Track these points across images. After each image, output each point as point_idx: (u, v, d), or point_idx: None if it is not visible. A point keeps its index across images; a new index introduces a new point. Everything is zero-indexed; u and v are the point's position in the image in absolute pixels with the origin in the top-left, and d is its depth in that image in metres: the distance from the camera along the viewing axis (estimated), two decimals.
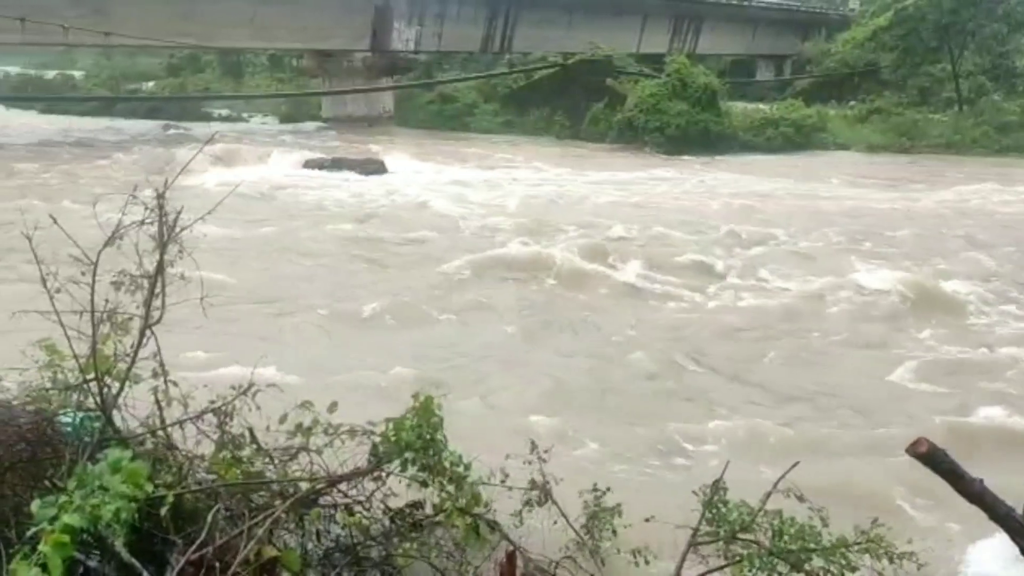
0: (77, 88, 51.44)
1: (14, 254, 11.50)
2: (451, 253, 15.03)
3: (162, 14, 31.97)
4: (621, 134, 34.59)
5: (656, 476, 6.91)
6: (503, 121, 39.07)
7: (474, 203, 20.11)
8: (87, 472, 3.33)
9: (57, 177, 22.46)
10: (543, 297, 12.56)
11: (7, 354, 4.65)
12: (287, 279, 13.02)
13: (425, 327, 11.05)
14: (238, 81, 51.78)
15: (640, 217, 18.86)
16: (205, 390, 4.49)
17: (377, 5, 38.13)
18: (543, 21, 43.60)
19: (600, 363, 9.92)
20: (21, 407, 4.34)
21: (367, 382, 8.52)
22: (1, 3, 25.80)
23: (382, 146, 30.39)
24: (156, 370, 4.23)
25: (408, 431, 4.61)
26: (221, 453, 4.35)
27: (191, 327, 4.58)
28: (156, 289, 4.07)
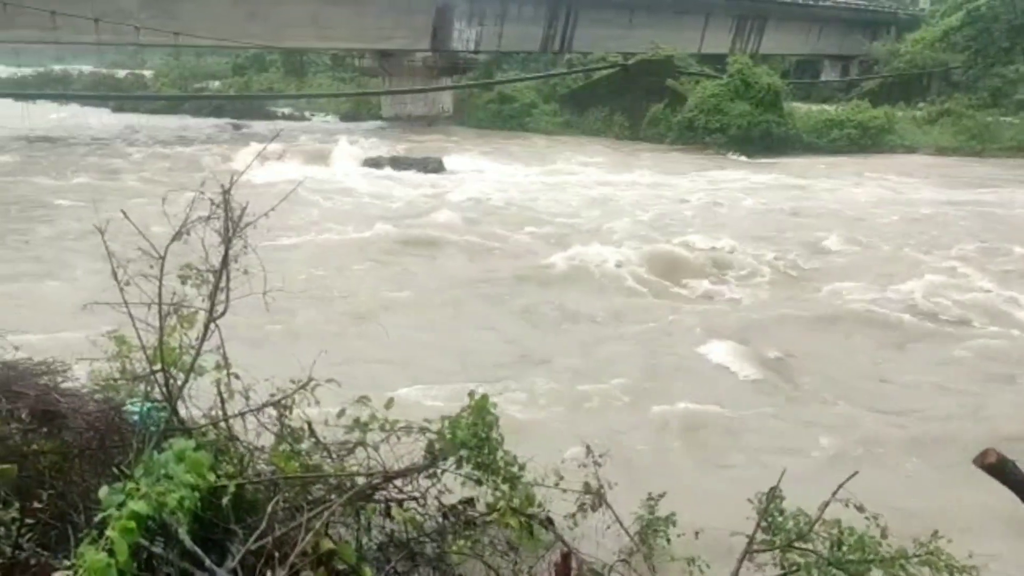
0: (147, 87, 52.92)
1: (88, 247, 11.91)
2: (506, 253, 15.08)
3: (229, 15, 32.72)
4: (681, 135, 34.29)
5: (710, 482, 6.81)
6: (562, 121, 39.01)
7: (532, 203, 20.09)
8: (153, 460, 3.42)
9: (128, 173, 23.11)
10: (605, 303, 12.41)
11: (79, 344, 4.80)
12: (345, 275, 13.19)
13: (483, 327, 11.08)
14: (301, 80, 52.64)
15: (711, 220, 18.65)
16: (266, 383, 4.56)
17: (438, 5, 38.40)
18: (603, 21, 43.43)
19: (661, 366, 9.83)
20: (90, 396, 4.48)
21: (424, 380, 8.58)
22: (77, 5, 26.65)
23: (441, 145, 30.61)
24: (219, 362, 4.31)
25: (463, 429, 4.63)
26: (280, 446, 4.42)
27: (253, 321, 4.67)
28: (220, 283, 4.15)
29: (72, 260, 13.17)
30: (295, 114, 44.47)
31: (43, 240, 15.08)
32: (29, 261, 13.74)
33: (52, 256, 13.87)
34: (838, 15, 53.15)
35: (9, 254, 14.15)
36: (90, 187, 20.36)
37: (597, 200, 20.96)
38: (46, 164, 24.62)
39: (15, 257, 13.97)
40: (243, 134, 33.76)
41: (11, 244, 14.80)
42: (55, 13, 26.01)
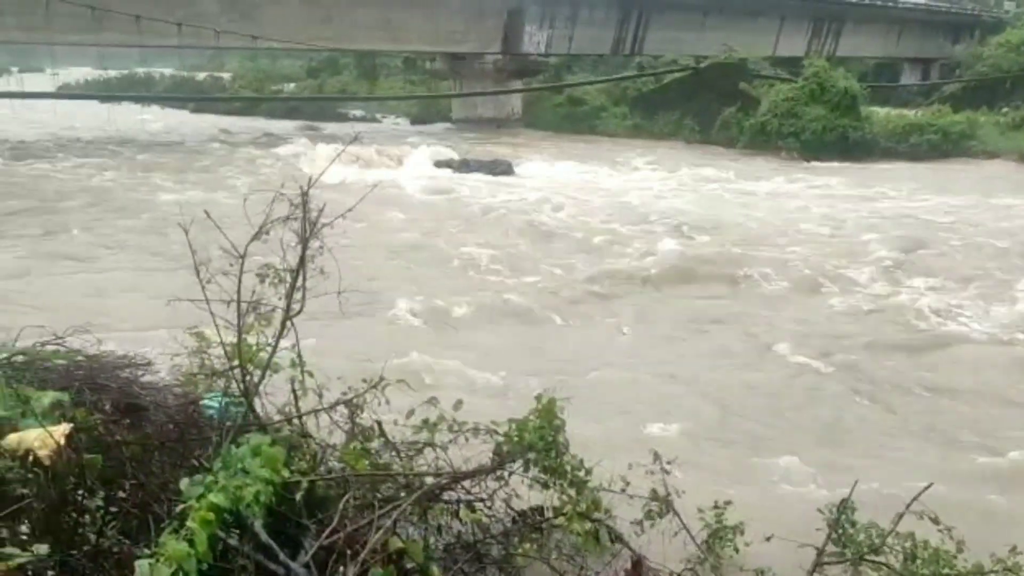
0: (225, 89, 54.37)
1: (172, 245, 12.32)
2: (575, 258, 15.03)
3: (304, 19, 33.42)
4: (753, 139, 33.70)
5: (780, 492, 6.68)
6: (631, 124, 38.74)
7: (600, 206, 20.01)
8: (231, 455, 3.50)
9: (208, 172, 23.78)
10: (674, 311, 12.29)
11: (160, 339, 4.95)
12: (417, 275, 13.34)
13: (547, 331, 11.08)
14: (373, 83, 53.39)
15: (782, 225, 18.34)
16: (338, 382, 4.64)
17: (510, 9, 38.55)
18: (676, 23, 43.04)
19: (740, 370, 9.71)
20: (169, 390, 4.62)
21: (495, 381, 8.61)
22: (161, 9, 27.53)
23: (510, 147, 30.73)
24: (294, 360, 4.39)
25: (531, 432, 4.64)
26: (351, 444, 4.48)
27: (328, 320, 4.76)
28: (297, 283, 4.23)
29: (155, 257, 13.61)
30: (367, 116, 45.16)
31: (128, 237, 15.61)
32: (114, 257, 14.25)
33: (136, 253, 14.36)
34: (918, 17, 51.65)
35: (96, 251, 14.69)
36: (173, 186, 21.02)
37: (669, 202, 20.78)
38: (130, 164, 25.50)
39: (102, 254, 14.50)
40: (317, 135, 34.40)
41: (97, 241, 15.35)
42: (140, 18, 26.94)
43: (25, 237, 15.43)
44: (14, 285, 12.17)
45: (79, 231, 16.07)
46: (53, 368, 4.59)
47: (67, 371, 4.54)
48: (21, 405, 3.67)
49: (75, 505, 3.38)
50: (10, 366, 4.49)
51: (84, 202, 19.16)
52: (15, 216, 17.46)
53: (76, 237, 15.59)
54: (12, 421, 3.57)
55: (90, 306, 10.61)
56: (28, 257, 14.05)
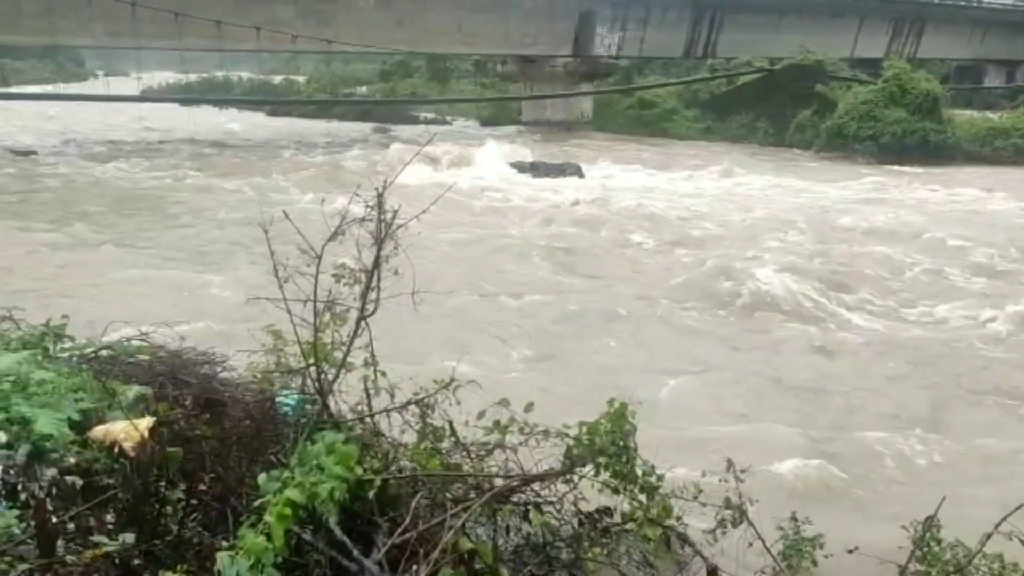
0: (300, 92, 55.49)
1: (251, 245, 12.61)
2: (642, 262, 14.91)
3: (378, 22, 33.89)
4: (829, 142, 32.95)
5: (861, 506, 6.50)
6: (703, 127, 38.27)
7: (674, 210, 19.76)
8: (306, 451, 3.56)
9: (285, 173, 24.28)
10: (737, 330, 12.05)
11: (238, 336, 5.06)
12: (488, 277, 13.38)
13: (625, 335, 10.99)
14: (443, 86, 53.82)
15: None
16: (410, 382, 4.68)
17: (581, 12, 38.45)
18: (750, 25, 42.36)
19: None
20: (246, 386, 4.72)
21: (565, 383, 8.59)
22: (241, 15, 28.25)
23: (580, 150, 30.64)
24: (367, 360, 4.45)
25: (602, 436, 4.60)
26: (422, 443, 4.52)
27: (401, 320, 4.80)
28: (372, 283, 4.28)
29: (235, 256, 13.95)
30: (437, 118, 45.53)
31: (210, 237, 16.03)
32: (197, 256, 14.63)
33: (218, 252, 14.72)
34: (1004, 17, 49.83)
35: (178, 251, 15.11)
36: (251, 187, 21.54)
37: (739, 205, 20.43)
38: (211, 165, 26.21)
39: (185, 253, 14.90)
40: (388, 137, 34.86)
41: (180, 241, 15.79)
42: (221, 23, 27.68)
43: (112, 236, 15.96)
44: (100, 280, 12.62)
45: (162, 231, 16.57)
46: (137, 363, 4.74)
47: (150, 366, 4.68)
48: (108, 398, 3.80)
49: (158, 496, 3.47)
50: (97, 360, 4.65)
51: (167, 202, 19.75)
52: (102, 215, 18.11)
53: (159, 237, 16.07)
54: (99, 413, 3.69)
55: (172, 303, 10.93)
56: (114, 254, 14.54)
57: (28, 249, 14.60)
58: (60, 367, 4.03)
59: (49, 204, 19.17)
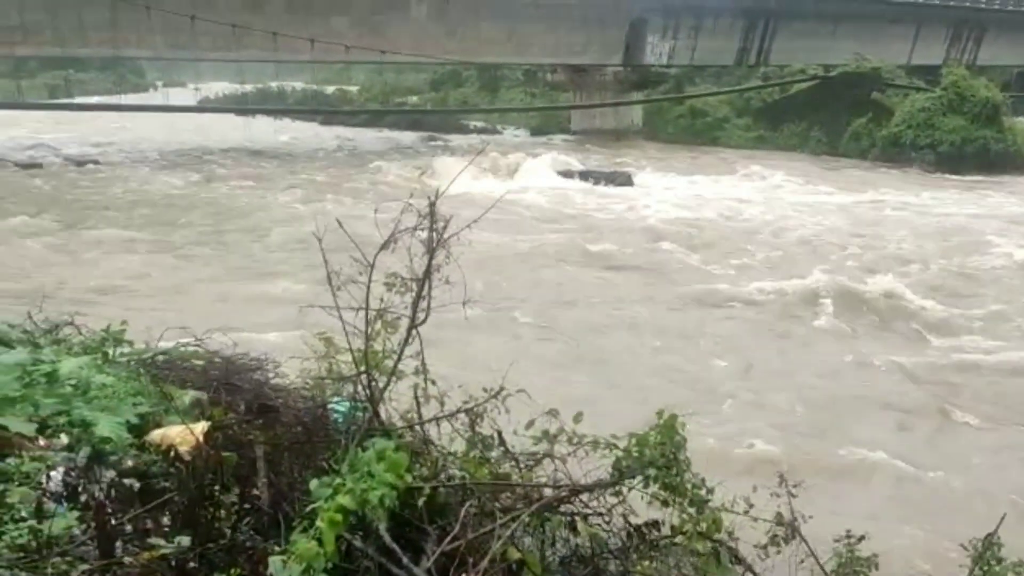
0: (352, 101, 56.21)
1: (304, 252, 12.76)
2: (689, 274, 14.76)
3: (430, 33, 34.21)
4: (885, 150, 32.38)
5: (917, 522, 6.35)
6: (755, 136, 37.86)
7: (727, 218, 19.56)
8: (357, 458, 3.59)
9: (340, 181, 24.64)
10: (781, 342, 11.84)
11: (291, 343, 5.13)
12: (538, 286, 13.39)
13: (671, 347, 10.91)
14: (494, 95, 54.06)
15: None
16: (459, 390, 4.69)
17: (632, 20, 38.33)
18: (804, 32, 41.78)
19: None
20: (297, 392, 4.78)
21: (613, 391, 8.55)
22: (296, 26, 28.75)
23: (630, 159, 30.53)
24: (418, 368, 4.47)
25: (652, 448, 4.56)
26: (471, 452, 4.51)
27: (452, 329, 4.85)
28: (423, 292, 4.30)
29: (289, 264, 14.15)
30: (487, 127, 45.74)
31: (264, 244, 16.31)
32: (251, 264, 14.89)
33: (273, 260, 14.96)
34: None
35: (233, 258, 15.39)
36: (305, 195, 21.87)
37: (801, 220, 20.06)
38: (266, 173, 26.69)
39: (239, 260, 15.18)
40: (439, 146, 35.12)
41: (235, 248, 16.09)
42: (277, 34, 28.19)
43: (168, 243, 16.33)
44: (157, 286, 12.92)
45: (217, 238, 16.90)
46: (192, 368, 4.84)
47: (205, 371, 4.77)
48: (165, 402, 3.88)
49: (212, 500, 3.53)
50: (154, 364, 4.75)
51: (222, 210, 20.14)
52: (158, 223, 18.52)
53: (214, 244, 16.40)
54: (157, 417, 3.77)
55: (226, 309, 11.14)
56: (171, 261, 14.87)
57: (87, 255, 15.00)
58: (119, 372, 4.13)
59: (107, 212, 19.69)
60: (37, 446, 3.14)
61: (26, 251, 15.45)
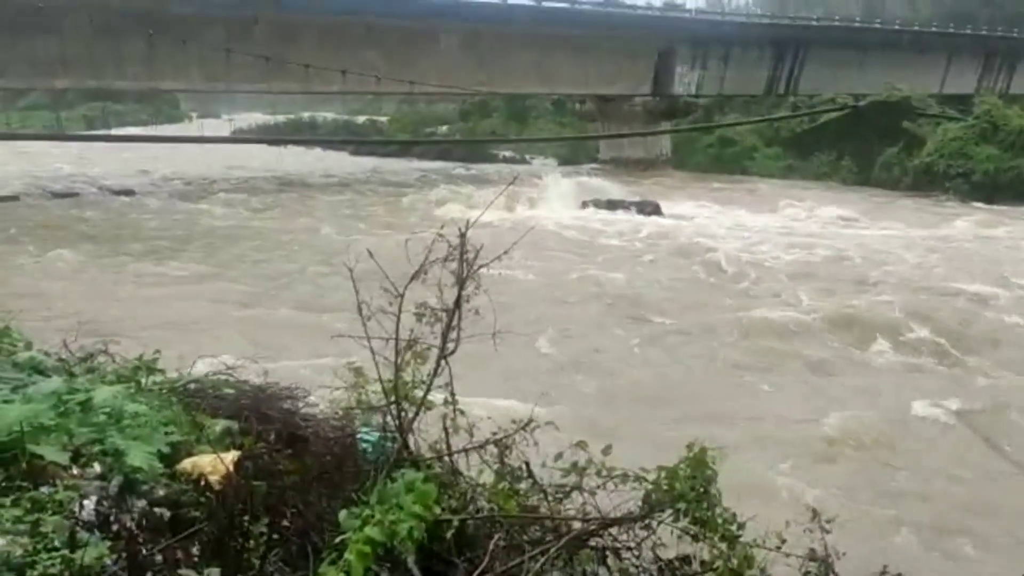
0: (382, 132, 56.84)
1: (335, 281, 12.81)
2: (719, 304, 14.63)
3: (459, 64, 34.56)
4: (917, 180, 32.10)
5: (954, 558, 6.20)
6: (785, 165, 37.71)
7: (754, 250, 19.44)
8: (386, 489, 3.58)
9: (370, 210, 24.87)
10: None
11: (321, 372, 5.15)
12: (567, 317, 13.35)
13: (701, 379, 10.80)
14: (522, 125, 54.36)
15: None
16: (489, 421, 4.67)
17: (660, 51, 38.50)
18: (833, 62, 41.71)
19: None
20: (327, 422, 4.79)
21: (642, 426, 8.48)
22: (328, 59, 29.22)
23: (659, 188, 30.49)
24: (447, 399, 4.46)
25: (682, 481, 4.51)
26: (500, 484, 4.48)
27: (480, 359, 4.85)
28: (453, 322, 4.31)
29: (320, 292, 14.24)
30: (516, 157, 45.93)
31: (296, 273, 16.43)
32: (282, 292, 15.00)
33: (303, 288, 15.06)
34: None
35: (264, 286, 15.53)
36: (336, 224, 22.09)
37: (836, 250, 19.82)
38: (297, 203, 27.00)
39: (270, 289, 15.30)
40: (468, 176, 35.32)
41: (266, 277, 16.24)
42: (309, 67, 28.63)
43: (200, 272, 16.53)
44: (189, 314, 13.05)
45: (249, 267, 17.08)
46: (223, 396, 4.87)
47: (236, 399, 4.80)
48: (196, 431, 3.90)
49: (241, 530, 3.53)
50: (186, 393, 4.79)
51: (255, 239, 20.37)
52: (191, 252, 18.78)
53: (245, 272, 16.58)
54: (188, 446, 3.79)
55: (257, 337, 11.22)
56: (203, 289, 15.03)
57: (122, 284, 15.22)
58: (152, 400, 4.16)
59: (141, 242, 19.99)
60: (71, 475, 3.17)
61: (62, 280, 15.71)
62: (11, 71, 27.72)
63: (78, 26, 27.54)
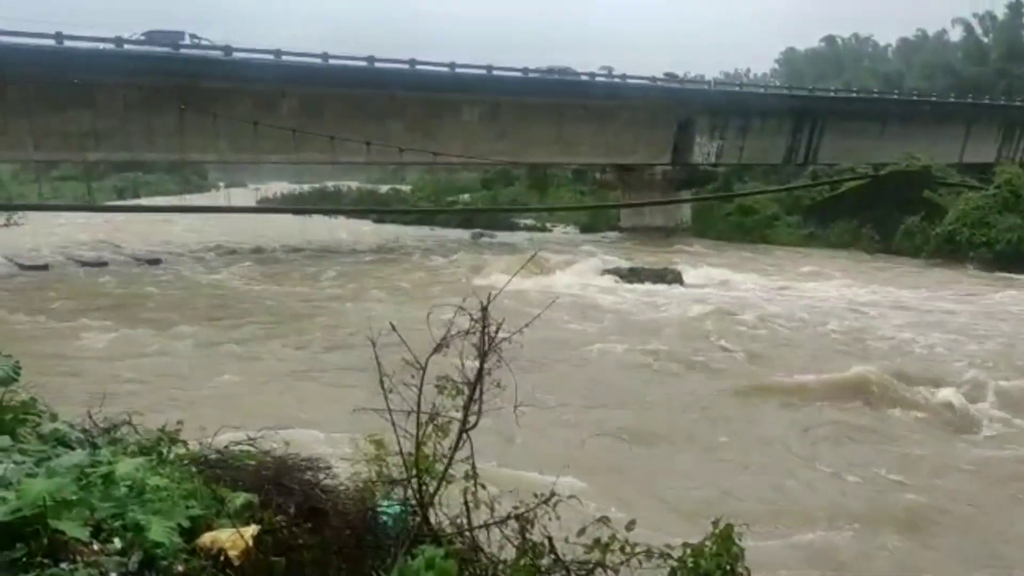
0: (405, 201, 57.60)
1: (358, 353, 12.81)
2: (747, 377, 14.48)
3: (481, 135, 35.21)
4: (940, 249, 31.97)
5: None
6: (805, 234, 37.72)
7: (780, 323, 19.08)
8: (407, 566, 3.54)
9: (392, 279, 25.05)
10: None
11: (342, 443, 5.14)
12: (588, 388, 13.25)
13: (726, 452, 10.64)
14: (543, 193, 54.89)
15: None
16: (510, 495, 4.62)
17: (680, 121, 39.01)
18: (852, 132, 42.11)
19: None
20: (347, 494, 4.75)
21: (663, 502, 8.34)
22: (352, 131, 29.86)
23: (679, 256, 30.52)
24: (468, 472, 4.43)
25: (708, 559, 4.42)
26: (522, 560, 4.41)
27: (501, 432, 4.82)
28: (475, 395, 4.30)
29: (342, 363, 14.25)
30: (537, 225, 46.32)
31: (320, 342, 16.47)
32: (305, 363, 15.03)
33: (326, 359, 15.08)
34: None
35: (291, 355, 15.58)
36: (358, 294, 22.26)
37: (860, 321, 19.53)
38: (321, 271, 27.27)
39: (293, 359, 15.34)
40: (490, 244, 35.57)
41: (292, 346, 16.28)
42: (334, 138, 29.27)
43: (224, 341, 16.63)
44: (212, 384, 13.11)
45: (272, 337, 17.14)
46: (244, 467, 4.86)
47: (256, 471, 4.78)
48: (217, 504, 3.88)
49: None
50: (207, 464, 4.79)
51: (278, 310, 20.54)
52: (215, 321, 18.93)
53: (268, 343, 16.64)
54: (208, 520, 3.77)
55: (279, 407, 11.23)
56: (225, 359, 15.11)
57: (148, 353, 15.34)
58: (173, 472, 4.16)
59: (168, 310, 20.18)
60: (91, 551, 3.16)
61: (89, 348, 15.88)
62: (45, 144, 28.51)
63: (111, 101, 28.43)
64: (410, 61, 33.43)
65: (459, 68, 34.77)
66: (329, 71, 31.82)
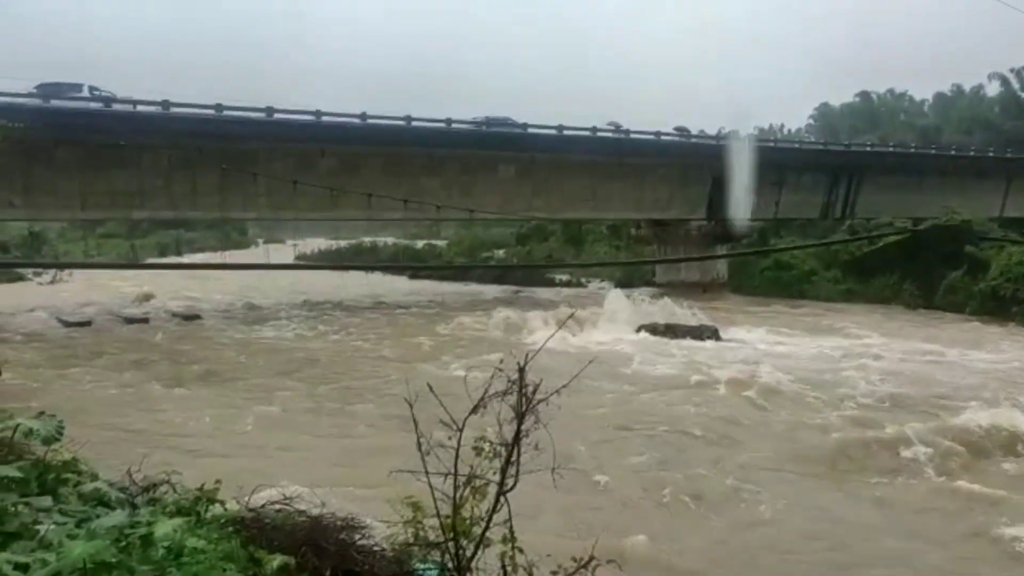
0: (441, 256, 58.03)
1: (395, 412, 12.79)
2: (785, 439, 14.15)
3: (516, 192, 35.55)
4: (983, 304, 31.39)
5: None
6: (844, 289, 37.30)
7: (821, 381, 18.64)
8: None
9: (428, 335, 25.12)
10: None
11: (378, 503, 5.11)
12: (627, 449, 13.05)
13: (770, 515, 10.41)
14: (578, 248, 55.03)
15: None
16: (548, 559, 4.54)
17: (715, 176, 39.04)
18: (890, 186, 41.86)
19: None
20: (382, 555, 4.70)
21: (707, 564, 8.16)
22: (389, 188, 30.36)
23: (716, 312, 30.24)
24: (505, 536, 4.37)
25: None
26: None
27: (540, 493, 4.75)
28: (512, 457, 4.26)
29: (379, 422, 14.23)
30: (572, 280, 46.28)
31: (357, 401, 16.43)
32: (342, 420, 15.00)
33: (363, 418, 15.03)
34: None
35: (328, 413, 15.58)
36: (394, 351, 22.33)
37: (905, 382, 18.89)
38: (358, 327, 27.43)
39: (333, 416, 15.33)
40: (526, 300, 35.52)
41: (330, 404, 16.28)
42: (371, 196, 29.70)
43: (262, 398, 16.71)
44: (253, 441, 13.17)
45: (311, 395, 17.14)
46: (281, 527, 4.83)
47: (293, 531, 4.76)
48: (253, 567, 3.86)
49: None
50: (244, 524, 4.77)
51: (317, 366, 20.59)
52: (255, 378, 19.06)
53: (307, 400, 16.66)
54: None
55: (316, 466, 11.23)
56: (265, 415, 15.16)
57: (187, 410, 15.45)
58: (211, 533, 4.15)
59: (208, 366, 20.38)
60: None
61: (131, 404, 16.04)
62: (92, 203, 29.30)
63: (155, 161, 29.23)
64: (446, 120, 33.99)
65: (493, 127, 35.26)
66: (367, 130, 32.49)
